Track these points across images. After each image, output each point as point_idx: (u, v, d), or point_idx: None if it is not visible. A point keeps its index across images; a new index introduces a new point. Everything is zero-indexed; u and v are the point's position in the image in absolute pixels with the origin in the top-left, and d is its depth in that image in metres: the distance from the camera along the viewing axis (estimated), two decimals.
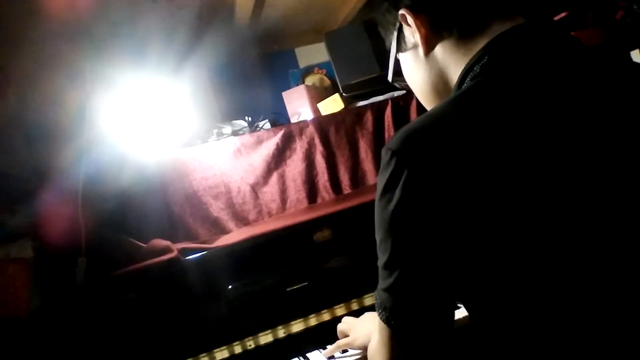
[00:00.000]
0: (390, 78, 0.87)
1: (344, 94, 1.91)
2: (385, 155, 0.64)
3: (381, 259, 0.66)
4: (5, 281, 1.28)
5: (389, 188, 0.62)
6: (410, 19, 0.74)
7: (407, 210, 0.61)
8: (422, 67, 0.77)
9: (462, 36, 0.71)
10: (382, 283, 0.67)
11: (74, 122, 1.44)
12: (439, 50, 0.74)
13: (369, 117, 1.77)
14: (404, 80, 0.85)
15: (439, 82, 0.76)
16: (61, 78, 1.48)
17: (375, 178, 1.74)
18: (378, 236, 0.66)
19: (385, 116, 1.78)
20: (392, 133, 1.77)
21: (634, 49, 1.84)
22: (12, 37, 1.43)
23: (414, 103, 1.80)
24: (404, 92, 1.84)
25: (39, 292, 1.31)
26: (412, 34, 0.76)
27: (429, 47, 0.75)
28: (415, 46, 0.77)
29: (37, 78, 1.48)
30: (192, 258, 1.36)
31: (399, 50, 0.81)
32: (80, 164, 1.39)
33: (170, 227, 1.52)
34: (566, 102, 0.62)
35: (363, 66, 1.85)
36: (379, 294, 0.68)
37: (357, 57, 1.85)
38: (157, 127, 1.62)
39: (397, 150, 0.62)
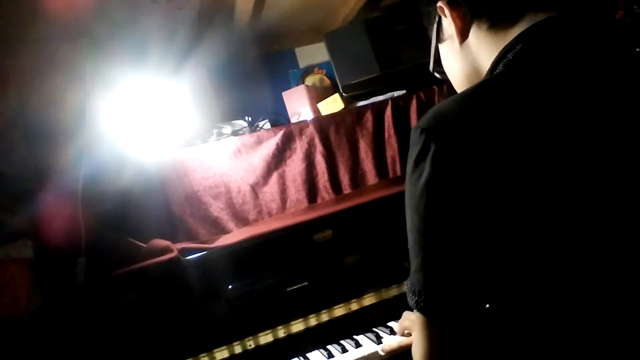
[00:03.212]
0: (431, 68, 0.90)
1: (344, 94, 1.91)
2: (414, 133, 0.65)
3: (411, 237, 0.66)
4: (5, 281, 1.28)
5: (418, 163, 0.63)
6: (447, 11, 0.77)
7: (437, 183, 0.62)
8: (457, 57, 0.80)
9: (495, 26, 0.73)
10: (413, 263, 0.66)
11: (74, 122, 1.44)
12: (472, 40, 0.77)
13: (369, 117, 1.77)
14: (444, 71, 0.87)
15: (472, 71, 0.78)
16: (61, 78, 1.48)
17: (375, 178, 1.74)
18: (409, 213, 0.66)
19: (385, 116, 1.78)
20: (392, 133, 1.77)
21: (634, 48, 1.84)
22: (12, 37, 1.43)
23: (414, 103, 1.80)
24: (404, 92, 1.84)
25: (39, 292, 1.31)
26: (449, 25, 0.79)
27: (463, 38, 0.78)
28: (451, 37, 0.80)
29: (37, 78, 1.48)
30: (192, 258, 1.36)
31: (438, 40, 0.84)
32: (80, 164, 1.39)
33: (170, 227, 1.52)
34: (597, 97, 0.62)
35: (363, 66, 1.84)
36: (410, 279, 0.67)
37: (357, 57, 1.84)
38: (157, 127, 1.62)
39: (426, 127, 0.63)
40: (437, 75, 0.91)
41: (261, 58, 2.14)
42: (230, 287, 1.36)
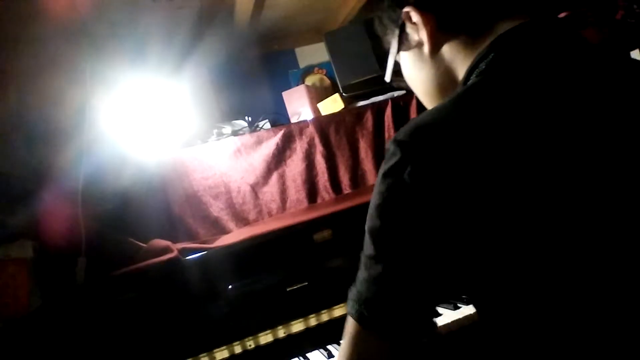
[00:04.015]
0: (388, 78, 0.85)
1: (344, 94, 1.91)
2: (391, 145, 0.63)
3: (368, 248, 0.63)
4: (5, 281, 1.28)
5: (389, 177, 0.61)
6: (416, 17, 0.73)
7: (411, 197, 0.60)
8: (426, 66, 0.76)
9: (469, 34, 0.70)
10: (365, 272, 0.64)
11: (74, 122, 1.44)
12: (445, 48, 0.73)
13: (369, 117, 1.77)
14: (403, 80, 0.83)
15: (445, 80, 0.75)
16: (61, 78, 1.48)
17: (375, 178, 1.74)
18: (369, 223, 0.64)
19: (385, 116, 1.78)
20: (392, 133, 1.77)
21: (634, 49, 1.84)
22: (12, 37, 1.43)
23: (414, 103, 1.80)
24: (404, 92, 1.85)
25: (39, 292, 1.31)
26: (417, 32, 0.74)
27: (435, 46, 0.73)
28: (419, 45, 0.75)
29: (37, 78, 1.48)
30: (192, 258, 1.36)
31: (400, 49, 0.79)
32: (80, 164, 1.39)
33: (170, 227, 1.52)
34: (572, 101, 0.61)
35: (363, 66, 1.85)
36: (358, 287, 0.65)
37: (357, 57, 1.85)
38: (157, 127, 1.62)
39: (404, 142, 0.61)
40: (395, 85, 0.86)
41: (261, 58, 2.15)
42: (230, 287, 1.36)
